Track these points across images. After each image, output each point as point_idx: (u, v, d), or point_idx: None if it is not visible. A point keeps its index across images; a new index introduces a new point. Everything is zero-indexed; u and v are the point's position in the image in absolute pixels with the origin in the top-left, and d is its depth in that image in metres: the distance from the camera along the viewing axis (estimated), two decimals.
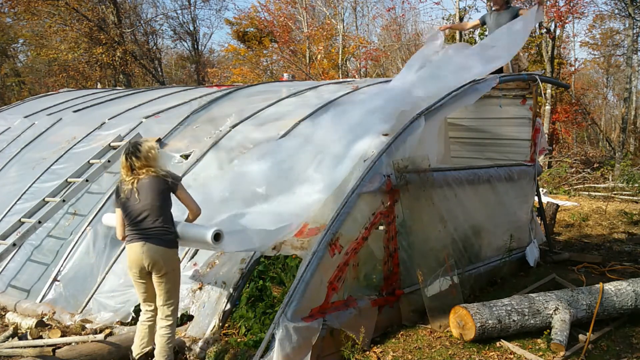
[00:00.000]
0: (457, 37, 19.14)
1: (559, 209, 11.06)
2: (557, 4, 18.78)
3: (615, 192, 14.42)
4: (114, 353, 4.54)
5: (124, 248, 4.59)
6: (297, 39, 24.92)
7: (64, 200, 6.18)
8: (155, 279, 4.24)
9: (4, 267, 6.28)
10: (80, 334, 5.01)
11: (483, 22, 8.06)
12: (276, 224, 4.58)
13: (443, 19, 22.96)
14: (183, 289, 4.85)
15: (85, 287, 5.61)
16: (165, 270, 4.21)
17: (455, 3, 18.99)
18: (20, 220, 6.09)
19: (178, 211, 4.38)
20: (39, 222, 6.00)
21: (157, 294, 4.30)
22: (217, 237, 4.15)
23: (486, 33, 8.12)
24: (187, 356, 4.58)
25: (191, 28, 29.43)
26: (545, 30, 19.88)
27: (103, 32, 22.11)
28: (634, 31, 20.50)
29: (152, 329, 4.36)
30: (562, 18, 19.33)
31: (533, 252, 7.69)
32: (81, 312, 5.40)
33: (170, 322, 4.26)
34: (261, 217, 4.66)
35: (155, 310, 4.36)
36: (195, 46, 30.39)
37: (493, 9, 7.89)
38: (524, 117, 7.96)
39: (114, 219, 4.61)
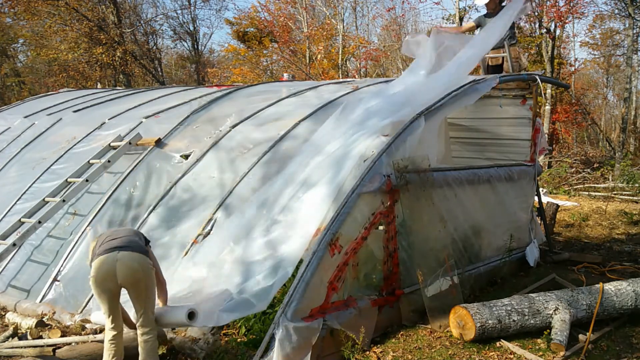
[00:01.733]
0: None
1: (559, 209, 11.06)
2: (557, 4, 18.79)
3: (615, 192, 14.41)
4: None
5: None
6: (297, 39, 24.91)
7: (64, 200, 6.18)
8: (132, 291, 4.07)
9: (4, 267, 6.28)
10: (80, 334, 5.01)
11: (478, 25, 8.10)
12: (274, 271, 4.54)
13: (443, 18, 22.97)
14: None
15: (85, 287, 5.58)
16: (145, 281, 4.06)
17: (455, 3, 18.99)
18: (20, 220, 6.10)
19: None
20: (39, 222, 6.01)
21: (135, 305, 4.12)
22: (191, 315, 4.13)
23: None
24: (187, 356, 4.58)
25: (191, 28, 29.47)
26: (545, 30, 19.88)
27: (103, 32, 22.11)
28: (634, 31, 20.50)
29: (120, 345, 4.18)
30: (562, 18, 19.33)
31: (533, 252, 7.69)
32: (81, 312, 5.40)
33: (152, 327, 4.15)
34: (260, 258, 4.65)
35: (120, 325, 4.18)
36: (195, 46, 30.40)
37: (486, 12, 7.97)
38: (524, 117, 7.96)
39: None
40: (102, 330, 4.98)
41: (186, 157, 6.44)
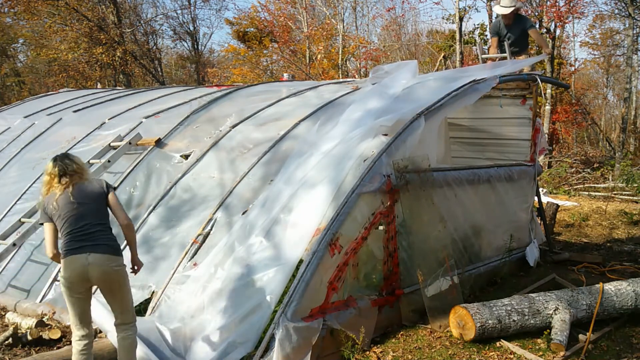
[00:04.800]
0: (457, 37, 19.14)
1: (559, 209, 11.06)
2: (557, 4, 18.78)
3: (615, 192, 14.40)
4: (113, 353, 4.53)
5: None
6: (297, 39, 24.90)
7: None
8: (106, 293, 3.89)
9: (4, 267, 6.27)
10: None
11: (497, 35, 8.20)
12: (274, 272, 4.56)
13: (443, 18, 22.97)
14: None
15: None
16: (119, 280, 3.86)
17: (455, 3, 18.98)
18: (20, 220, 6.10)
19: None
20: (39, 222, 6.00)
21: (112, 305, 3.94)
22: None
23: (486, 33, 8.20)
24: None
25: (191, 28, 29.43)
26: (545, 30, 19.87)
27: (103, 32, 22.09)
28: (634, 31, 20.48)
29: (91, 354, 3.92)
30: (562, 18, 19.32)
31: (533, 252, 7.69)
32: None
33: (132, 324, 3.99)
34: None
35: (91, 332, 3.92)
36: (195, 46, 30.36)
37: (504, 22, 8.04)
38: (524, 117, 7.96)
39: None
40: (102, 330, 4.98)
41: (186, 157, 6.44)
